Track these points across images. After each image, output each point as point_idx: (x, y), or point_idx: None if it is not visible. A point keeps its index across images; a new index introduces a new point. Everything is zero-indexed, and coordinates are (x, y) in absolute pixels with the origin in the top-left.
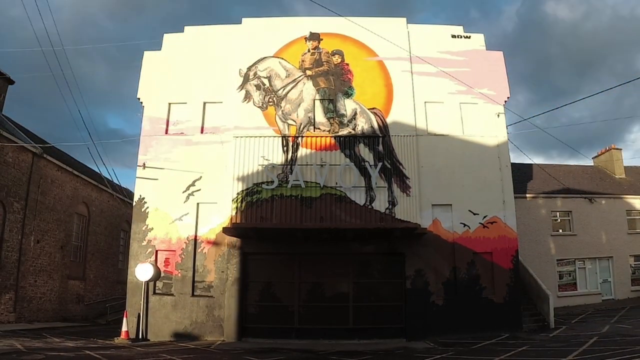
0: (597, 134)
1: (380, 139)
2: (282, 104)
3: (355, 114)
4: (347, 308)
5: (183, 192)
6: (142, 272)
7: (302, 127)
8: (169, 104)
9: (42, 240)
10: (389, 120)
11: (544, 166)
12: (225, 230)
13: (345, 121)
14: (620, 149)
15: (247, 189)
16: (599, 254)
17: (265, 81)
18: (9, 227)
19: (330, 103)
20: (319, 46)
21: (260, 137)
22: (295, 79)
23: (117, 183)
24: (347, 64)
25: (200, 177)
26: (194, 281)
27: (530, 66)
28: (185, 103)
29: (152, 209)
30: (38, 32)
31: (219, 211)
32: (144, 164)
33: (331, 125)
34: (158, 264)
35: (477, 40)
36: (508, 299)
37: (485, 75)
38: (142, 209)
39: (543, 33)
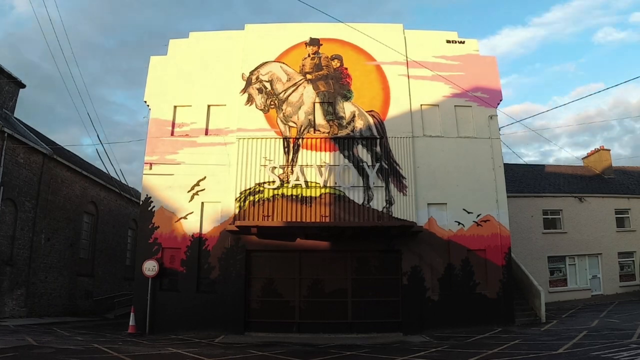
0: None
1: (377, 140)
2: (284, 106)
3: (354, 116)
4: (346, 303)
5: (188, 192)
6: (148, 268)
7: (302, 129)
8: (175, 106)
9: (52, 238)
10: (386, 122)
11: (536, 166)
12: (229, 228)
13: (344, 123)
14: (609, 150)
15: (249, 188)
16: (589, 251)
17: (267, 85)
18: (20, 225)
19: (329, 106)
20: (319, 51)
21: (263, 138)
22: (296, 82)
23: (125, 183)
24: (346, 68)
25: (205, 177)
26: (198, 277)
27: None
28: (190, 106)
29: (158, 207)
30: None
31: (222, 210)
32: (151, 164)
33: (330, 127)
34: (164, 261)
35: (471, 45)
36: (501, 294)
37: (479, 79)
38: (149, 208)
39: None
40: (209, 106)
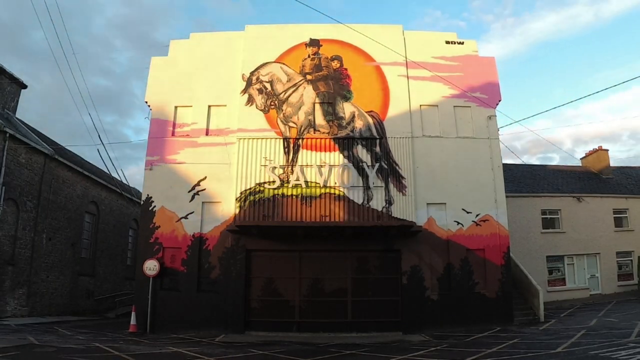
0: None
1: (377, 141)
2: (284, 107)
3: (354, 116)
4: (346, 302)
5: (189, 192)
6: (149, 268)
7: (302, 129)
8: (175, 107)
9: (53, 237)
10: (385, 122)
11: (535, 166)
12: (229, 228)
13: (344, 123)
14: (607, 150)
15: (250, 188)
16: (587, 250)
17: (267, 85)
18: (22, 225)
19: (329, 106)
20: (319, 52)
21: (263, 139)
22: (296, 83)
23: (126, 183)
24: (346, 69)
25: (205, 177)
26: (199, 277)
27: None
28: (191, 106)
29: (159, 207)
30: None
31: (223, 210)
32: (152, 164)
33: (330, 128)
34: (165, 261)
35: (470, 46)
36: (500, 293)
37: (478, 79)
38: (150, 208)
39: None
40: (209, 106)
